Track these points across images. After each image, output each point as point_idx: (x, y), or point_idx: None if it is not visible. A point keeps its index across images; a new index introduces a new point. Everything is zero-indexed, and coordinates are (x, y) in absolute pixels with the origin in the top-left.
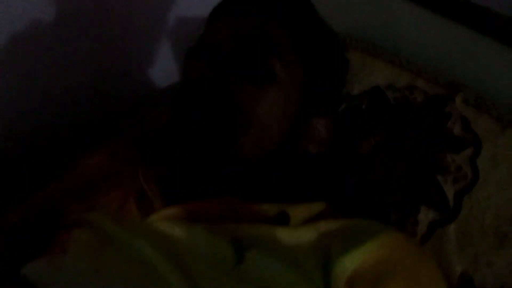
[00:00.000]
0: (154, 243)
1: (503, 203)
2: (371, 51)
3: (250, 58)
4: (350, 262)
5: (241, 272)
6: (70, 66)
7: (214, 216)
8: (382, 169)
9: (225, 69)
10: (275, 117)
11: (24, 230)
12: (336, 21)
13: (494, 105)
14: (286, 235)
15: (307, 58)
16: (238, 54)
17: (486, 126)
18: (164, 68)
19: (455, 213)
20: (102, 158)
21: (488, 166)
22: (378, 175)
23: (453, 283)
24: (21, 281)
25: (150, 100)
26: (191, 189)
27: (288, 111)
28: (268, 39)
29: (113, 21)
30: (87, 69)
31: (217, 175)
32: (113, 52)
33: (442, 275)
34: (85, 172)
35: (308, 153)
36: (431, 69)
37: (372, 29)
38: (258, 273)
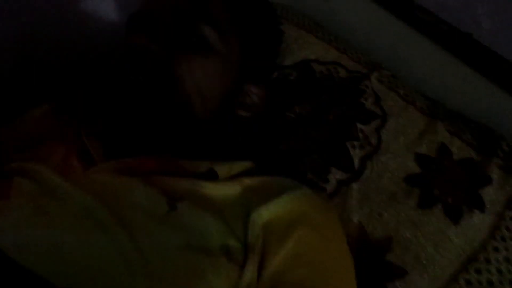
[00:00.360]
0: (94, 194)
1: (396, 167)
2: (306, 25)
3: (187, 30)
4: (266, 212)
5: (173, 220)
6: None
7: (150, 170)
8: (302, 135)
9: (164, 41)
10: (209, 83)
11: None
12: None
13: (403, 85)
14: (213, 189)
15: (244, 29)
16: (176, 27)
17: (393, 103)
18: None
19: (359, 174)
20: (45, 112)
21: (390, 136)
22: (299, 141)
23: (351, 232)
24: None
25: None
26: (130, 146)
27: (223, 78)
28: (205, 11)
29: None
30: (27, 15)
31: (154, 134)
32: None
33: (342, 226)
34: (28, 124)
35: (239, 116)
36: (355, 48)
37: (309, 3)
38: (188, 221)
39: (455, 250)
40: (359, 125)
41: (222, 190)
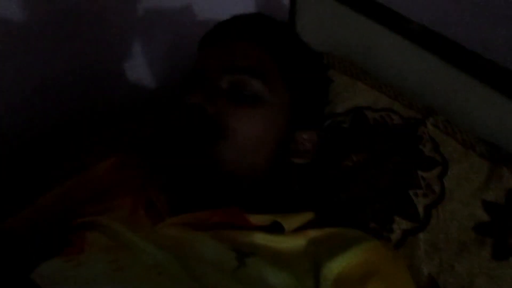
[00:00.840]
0: (165, 248)
1: (465, 216)
2: (353, 73)
3: (239, 87)
4: (336, 266)
5: (242, 275)
6: (62, 65)
7: (217, 224)
8: (362, 184)
9: (217, 99)
10: (261, 132)
11: (36, 232)
12: (321, 41)
13: (459, 130)
14: (281, 243)
15: (292, 80)
16: (229, 82)
17: (452, 148)
18: (151, 71)
19: (425, 224)
20: (112, 165)
21: (454, 183)
22: (359, 189)
23: (421, 285)
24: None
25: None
26: (195, 200)
27: (275, 127)
28: (254, 65)
29: (104, 22)
30: (78, 69)
31: (215, 189)
32: (103, 54)
33: (412, 277)
34: (98, 177)
35: (294, 165)
36: (407, 94)
37: (354, 51)
38: (257, 276)
39: None
40: (420, 173)
41: (289, 244)
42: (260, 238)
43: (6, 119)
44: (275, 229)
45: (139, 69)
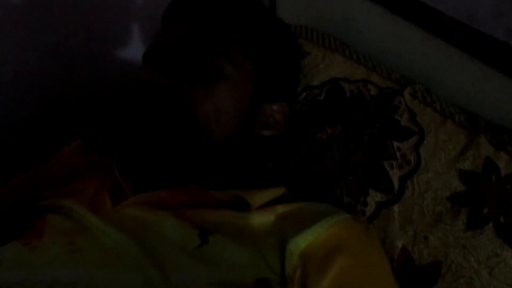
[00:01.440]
0: (125, 229)
1: (440, 186)
2: (331, 45)
3: (196, 60)
4: (302, 240)
5: (205, 253)
6: (41, 52)
7: (180, 202)
8: (336, 157)
9: (173, 71)
10: (222, 107)
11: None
12: (300, 15)
13: (438, 99)
14: (246, 219)
15: (256, 52)
16: (185, 58)
17: (429, 118)
18: (132, 55)
19: (399, 195)
20: (77, 148)
21: (430, 153)
22: (332, 162)
23: (395, 257)
24: None
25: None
26: (159, 179)
27: (237, 100)
28: (213, 39)
29: (84, 7)
30: (59, 55)
31: (178, 164)
32: (84, 38)
33: (384, 251)
34: (61, 161)
35: (264, 137)
36: (385, 65)
37: (333, 24)
38: (220, 254)
39: None
40: (396, 143)
41: (255, 220)
42: (225, 215)
43: None
44: (242, 206)
45: (122, 53)
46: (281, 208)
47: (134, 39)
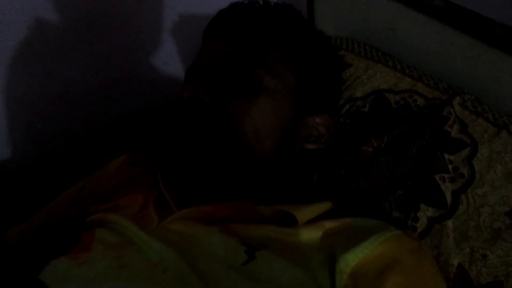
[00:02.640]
0: (171, 244)
1: (497, 201)
2: (374, 56)
3: (237, 73)
4: (352, 258)
5: (252, 270)
6: (84, 70)
7: (227, 217)
8: (383, 170)
9: (214, 87)
10: (264, 121)
11: (49, 231)
12: (338, 27)
13: (490, 109)
14: (293, 236)
15: (297, 64)
16: (226, 72)
17: (482, 129)
18: (171, 72)
19: (453, 210)
20: (123, 163)
21: (484, 166)
22: (379, 176)
23: (450, 276)
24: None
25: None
26: (205, 194)
27: (279, 114)
28: (253, 52)
29: (123, 25)
30: (100, 73)
31: (225, 181)
32: (124, 57)
33: (439, 269)
34: (107, 176)
35: (308, 151)
36: (430, 74)
37: (375, 34)
38: (267, 270)
39: None
40: (447, 156)
41: (302, 236)
42: (271, 231)
43: (31, 126)
44: (288, 221)
45: (163, 69)
46: (328, 224)
47: (172, 56)
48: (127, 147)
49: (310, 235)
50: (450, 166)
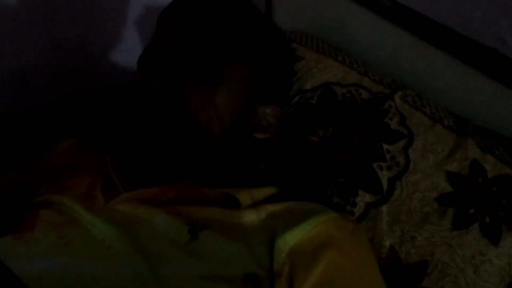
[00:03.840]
0: (115, 223)
1: (428, 187)
2: (325, 50)
3: (192, 61)
4: (291, 238)
5: (194, 248)
6: (40, 52)
7: (172, 199)
8: (326, 158)
9: (166, 73)
10: (217, 109)
11: None
12: (296, 21)
13: (429, 104)
14: (236, 217)
15: (250, 55)
16: (180, 59)
17: (419, 122)
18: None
19: (388, 196)
20: (72, 144)
21: (418, 155)
22: (323, 164)
23: (382, 256)
24: None
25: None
26: (152, 176)
27: (232, 102)
28: (208, 42)
29: (86, 9)
30: (57, 56)
31: (173, 164)
32: (83, 41)
33: (372, 249)
34: (55, 157)
35: (257, 139)
36: (378, 70)
37: (328, 30)
38: (210, 249)
39: (498, 273)
40: (385, 146)
41: (245, 218)
42: (215, 213)
43: None
44: (233, 204)
45: (122, 54)
46: (271, 207)
47: (132, 41)
48: (77, 130)
49: (252, 217)
50: (388, 155)
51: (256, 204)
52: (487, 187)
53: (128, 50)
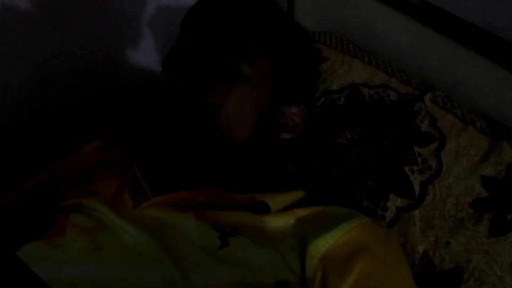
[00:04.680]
0: (146, 229)
1: (462, 191)
2: (350, 51)
3: (214, 60)
4: (323, 243)
5: (225, 254)
6: (59, 53)
7: (201, 203)
8: (355, 161)
9: (191, 73)
10: (241, 108)
11: (21, 213)
12: (318, 21)
13: (459, 105)
14: (266, 222)
15: (274, 53)
16: (203, 59)
17: (450, 124)
18: (145, 58)
19: (420, 200)
20: (97, 147)
21: (451, 159)
22: (351, 166)
23: (415, 262)
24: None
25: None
26: (180, 180)
27: (256, 102)
28: (231, 41)
29: (103, 10)
30: (78, 56)
31: (200, 167)
32: (101, 42)
33: (404, 255)
34: (82, 159)
35: (283, 140)
36: (405, 71)
37: (353, 30)
38: (240, 256)
39: None
40: (416, 148)
41: (275, 223)
42: (245, 218)
43: (3, 107)
44: (262, 209)
45: (141, 56)
46: (300, 212)
47: (147, 44)
48: (101, 132)
49: (282, 222)
50: (419, 158)
51: (285, 209)
52: None
53: (144, 52)
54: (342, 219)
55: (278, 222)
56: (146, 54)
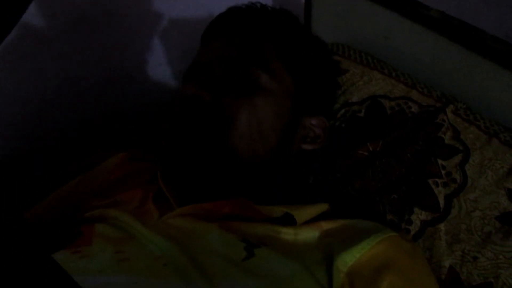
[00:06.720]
0: (172, 239)
1: (488, 205)
2: (370, 63)
3: (235, 73)
4: (350, 258)
5: (251, 266)
6: (79, 68)
7: (226, 215)
8: (378, 174)
9: (215, 86)
10: (263, 121)
11: (46, 224)
12: (334, 33)
13: (482, 117)
14: (292, 234)
15: (294, 66)
16: (225, 72)
17: (474, 136)
18: (170, 72)
19: (445, 214)
20: (122, 159)
21: (476, 172)
22: (374, 179)
23: (442, 277)
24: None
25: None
26: (204, 191)
27: (278, 114)
28: (250, 51)
29: (120, 25)
30: (95, 71)
31: (223, 178)
32: (120, 55)
33: (431, 270)
34: (107, 171)
35: (305, 151)
36: (424, 82)
37: (371, 42)
38: (267, 267)
39: None
40: (440, 161)
41: (301, 236)
42: (270, 230)
43: (24, 120)
44: (287, 221)
45: (158, 69)
46: (325, 224)
47: (167, 58)
48: (125, 145)
49: (308, 234)
50: (443, 171)
51: (310, 221)
52: None
53: (161, 66)
54: (368, 232)
55: (304, 234)
56: (163, 68)
